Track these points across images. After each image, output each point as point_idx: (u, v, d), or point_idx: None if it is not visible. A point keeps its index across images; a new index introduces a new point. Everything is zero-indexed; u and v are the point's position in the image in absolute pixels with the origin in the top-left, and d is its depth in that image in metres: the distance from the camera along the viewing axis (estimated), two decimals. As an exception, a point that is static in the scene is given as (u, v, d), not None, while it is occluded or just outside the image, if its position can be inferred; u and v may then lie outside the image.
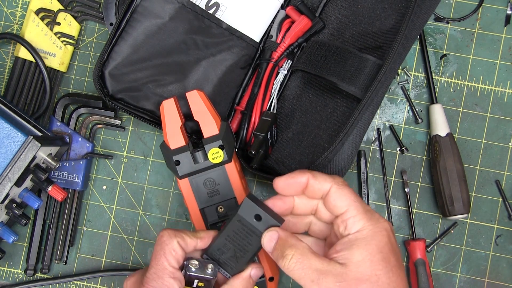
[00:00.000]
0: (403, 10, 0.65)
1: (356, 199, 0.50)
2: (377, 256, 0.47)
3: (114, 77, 0.67)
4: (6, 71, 0.77)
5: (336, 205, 0.50)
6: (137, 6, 0.67)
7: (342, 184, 0.51)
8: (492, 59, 0.73)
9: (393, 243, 0.49)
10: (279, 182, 0.53)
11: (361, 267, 0.47)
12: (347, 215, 0.49)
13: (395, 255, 0.48)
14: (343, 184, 0.51)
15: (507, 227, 0.72)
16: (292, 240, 0.50)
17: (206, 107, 0.63)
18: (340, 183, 0.51)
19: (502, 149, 0.73)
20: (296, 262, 0.48)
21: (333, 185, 0.51)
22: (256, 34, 0.70)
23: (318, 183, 0.51)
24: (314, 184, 0.51)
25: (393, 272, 0.47)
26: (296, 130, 0.69)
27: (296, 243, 0.49)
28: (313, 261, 0.48)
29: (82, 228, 0.75)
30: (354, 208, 0.49)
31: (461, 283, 0.72)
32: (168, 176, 0.75)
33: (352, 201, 0.50)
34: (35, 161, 0.65)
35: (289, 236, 0.50)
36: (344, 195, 0.50)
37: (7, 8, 0.77)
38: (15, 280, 0.75)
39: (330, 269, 0.47)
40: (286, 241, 0.50)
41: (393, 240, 0.49)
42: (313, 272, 0.47)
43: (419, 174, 0.73)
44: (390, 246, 0.48)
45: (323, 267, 0.47)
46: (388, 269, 0.47)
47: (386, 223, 0.49)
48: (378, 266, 0.47)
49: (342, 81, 0.63)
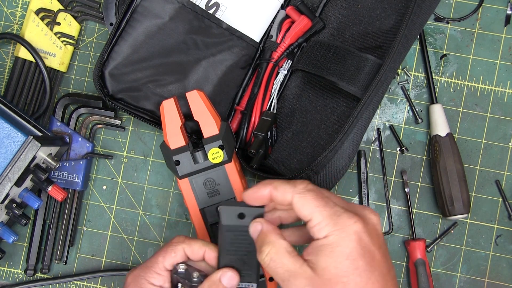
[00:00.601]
0: (403, 10, 0.65)
1: (320, 203, 0.48)
2: (343, 263, 0.46)
3: (114, 77, 0.67)
4: (6, 71, 0.77)
5: (300, 214, 0.49)
6: (137, 6, 0.67)
7: (303, 191, 0.49)
8: (492, 59, 0.73)
9: (366, 245, 0.47)
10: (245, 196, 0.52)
11: (326, 274, 0.46)
12: (312, 222, 0.48)
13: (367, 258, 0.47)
14: (304, 191, 0.49)
15: (507, 227, 0.72)
16: (272, 236, 0.50)
17: (206, 107, 0.63)
18: (301, 191, 0.49)
19: (502, 149, 0.73)
20: (270, 260, 0.48)
21: (294, 195, 0.49)
22: (256, 34, 0.70)
23: (280, 195, 0.50)
24: (276, 196, 0.51)
25: (362, 277, 0.46)
26: (296, 130, 0.69)
27: (274, 241, 0.49)
28: (286, 261, 0.48)
29: (82, 228, 0.75)
30: (319, 215, 0.48)
31: (461, 283, 0.72)
32: (168, 176, 0.75)
33: (315, 208, 0.48)
34: (35, 161, 0.65)
35: (271, 231, 0.50)
36: (306, 203, 0.48)
37: (7, 8, 0.77)
38: (15, 280, 0.75)
39: (301, 272, 0.47)
40: (266, 236, 0.50)
41: (366, 242, 0.47)
42: (285, 272, 0.47)
43: (419, 174, 0.73)
44: (360, 249, 0.46)
45: (294, 268, 0.47)
46: (356, 274, 0.46)
47: (356, 224, 0.47)
48: (344, 273, 0.46)
49: (342, 81, 0.63)
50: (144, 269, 0.54)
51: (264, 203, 0.52)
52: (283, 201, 0.50)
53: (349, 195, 0.73)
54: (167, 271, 0.54)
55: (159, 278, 0.54)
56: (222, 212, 0.52)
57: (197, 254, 0.55)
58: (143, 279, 0.53)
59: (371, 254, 0.47)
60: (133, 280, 0.54)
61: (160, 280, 0.54)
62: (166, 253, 0.54)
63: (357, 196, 0.73)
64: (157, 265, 0.54)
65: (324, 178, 0.62)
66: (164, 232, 0.74)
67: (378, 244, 0.48)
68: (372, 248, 0.47)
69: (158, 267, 0.54)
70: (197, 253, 0.54)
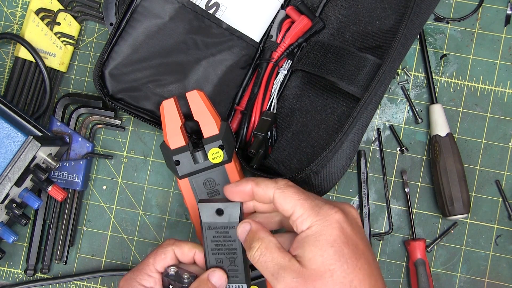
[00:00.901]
0: (403, 10, 0.65)
1: (301, 197, 0.50)
2: (328, 251, 0.47)
3: (114, 77, 0.67)
4: (6, 71, 0.77)
5: (282, 208, 0.50)
6: (137, 6, 0.67)
7: (284, 186, 0.51)
8: (492, 59, 0.73)
9: (349, 234, 0.48)
10: (226, 190, 0.54)
11: (313, 264, 0.47)
12: (295, 215, 0.49)
13: (351, 246, 0.48)
14: (285, 186, 0.51)
15: (507, 227, 0.72)
16: (261, 233, 0.51)
17: (206, 107, 0.63)
18: (282, 186, 0.51)
19: (502, 149, 0.73)
20: (260, 254, 0.49)
21: (275, 190, 0.51)
22: (256, 34, 0.70)
23: (261, 190, 0.52)
24: (257, 191, 0.52)
25: (349, 264, 0.47)
26: (296, 130, 0.69)
27: (264, 237, 0.50)
28: (276, 255, 0.49)
29: (82, 228, 0.75)
30: (300, 207, 0.49)
31: (461, 283, 0.72)
32: (168, 176, 0.75)
33: (297, 201, 0.50)
34: (35, 161, 0.65)
35: (260, 229, 0.51)
36: (287, 197, 0.50)
37: (7, 8, 0.77)
38: (15, 280, 0.75)
39: (289, 265, 0.48)
40: (256, 234, 0.51)
41: (348, 231, 0.48)
42: (274, 266, 0.48)
43: (419, 174, 0.73)
44: (343, 237, 0.48)
45: (284, 262, 0.48)
46: (342, 261, 0.47)
47: (337, 214, 0.49)
48: (330, 261, 0.47)
49: (342, 81, 0.63)
50: (135, 272, 0.55)
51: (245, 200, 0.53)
52: (264, 196, 0.52)
53: (349, 195, 0.73)
54: (158, 273, 0.55)
55: (150, 280, 0.54)
56: (200, 208, 0.53)
57: (187, 256, 0.56)
58: (134, 281, 0.54)
59: (354, 243, 0.48)
60: (125, 283, 0.55)
61: (151, 282, 0.54)
62: (156, 256, 0.55)
63: (357, 196, 0.73)
64: (148, 267, 0.55)
65: (324, 178, 0.62)
66: (164, 232, 0.74)
67: (360, 234, 0.50)
68: (354, 237, 0.49)
69: (149, 269, 0.55)
70: (187, 255, 0.55)
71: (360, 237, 0.49)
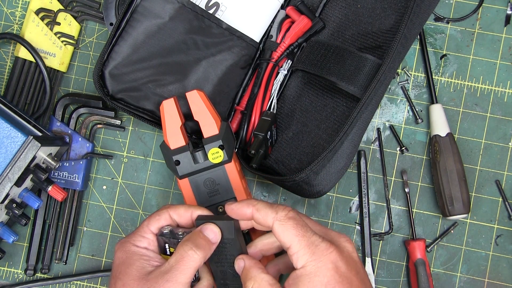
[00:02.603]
0: (403, 10, 0.65)
1: (298, 232, 0.50)
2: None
3: (114, 77, 0.67)
4: (6, 71, 0.77)
5: (280, 240, 0.51)
6: (137, 6, 0.67)
7: (283, 218, 0.51)
8: (492, 59, 0.73)
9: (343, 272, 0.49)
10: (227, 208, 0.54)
11: None
12: (292, 250, 0.50)
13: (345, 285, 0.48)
14: (285, 219, 0.51)
15: (507, 227, 0.72)
16: (254, 271, 0.51)
17: (206, 107, 0.63)
18: (282, 218, 0.51)
19: (502, 149, 0.73)
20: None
21: (275, 221, 0.51)
22: (256, 34, 0.70)
23: (261, 218, 0.52)
24: (258, 218, 0.52)
25: None
26: (295, 130, 0.69)
27: (256, 275, 0.51)
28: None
29: (82, 228, 0.75)
30: (297, 243, 0.49)
31: (461, 283, 0.72)
32: (168, 176, 0.75)
33: (294, 236, 0.50)
34: (35, 161, 0.65)
35: (253, 266, 0.52)
36: (286, 230, 0.50)
37: (7, 8, 0.77)
38: (15, 280, 0.75)
39: None
40: (248, 272, 0.51)
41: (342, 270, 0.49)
42: None
43: (419, 174, 0.73)
44: (337, 277, 0.48)
45: None
46: None
47: (332, 254, 0.49)
48: None
49: (342, 81, 0.63)
50: (130, 235, 0.56)
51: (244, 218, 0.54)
52: (263, 223, 0.52)
53: (349, 195, 0.73)
54: (152, 234, 0.55)
55: (143, 240, 0.54)
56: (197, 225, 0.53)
57: (184, 217, 0.55)
58: (128, 243, 0.54)
59: (349, 281, 0.49)
60: (120, 246, 0.55)
61: (144, 242, 0.54)
62: (151, 218, 0.55)
63: (357, 196, 0.73)
64: (142, 229, 0.55)
65: (324, 178, 0.62)
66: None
67: (355, 270, 0.50)
68: (349, 275, 0.49)
69: (142, 230, 0.55)
70: (184, 216, 0.55)
71: (355, 273, 0.50)
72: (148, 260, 0.53)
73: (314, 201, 0.73)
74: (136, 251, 0.54)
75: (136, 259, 0.53)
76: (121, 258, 0.54)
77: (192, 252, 0.51)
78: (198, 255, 0.51)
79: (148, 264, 0.53)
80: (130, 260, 0.53)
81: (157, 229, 0.55)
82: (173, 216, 0.55)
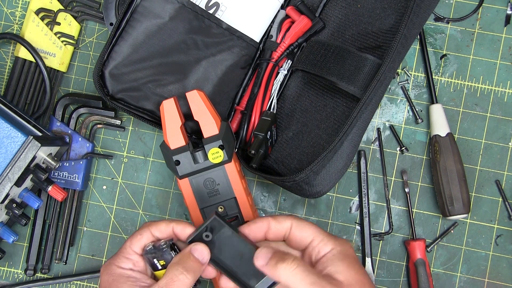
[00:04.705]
0: (403, 10, 0.65)
1: (318, 228, 0.54)
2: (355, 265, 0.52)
3: (114, 77, 0.67)
4: (6, 71, 0.77)
5: (301, 236, 0.54)
6: (137, 6, 0.67)
7: (300, 219, 0.55)
8: (492, 59, 0.73)
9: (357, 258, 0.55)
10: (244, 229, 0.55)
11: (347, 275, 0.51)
12: (315, 241, 0.54)
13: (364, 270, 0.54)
14: (301, 219, 0.55)
15: (507, 227, 0.72)
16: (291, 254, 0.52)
17: (206, 107, 0.63)
18: (298, 218, 0.55)
19: (502, 149, 0.73)
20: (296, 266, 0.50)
21: (293, 221, 0.55)
22: (256, 34, 0.70)
23: (278, 224, 0.55)
24: (275, 225, 0.55)
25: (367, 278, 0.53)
26: (296, 130, 0.69)
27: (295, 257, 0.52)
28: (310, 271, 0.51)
29: (82, 228, 0.75)
30: (320, 234, 0.54)
31: (461, 283, 0.72)
32: (168, 176, 0.75)
33: (315, 229, 0.54)
34: (35, 161, 0.65)
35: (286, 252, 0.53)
36: (305, 227, 0.54)
37: (7, 8, 0.77)
38: (15, 280, 0.75)
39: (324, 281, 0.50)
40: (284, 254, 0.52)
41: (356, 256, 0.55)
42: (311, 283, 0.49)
43: (419, 174, 0.73)
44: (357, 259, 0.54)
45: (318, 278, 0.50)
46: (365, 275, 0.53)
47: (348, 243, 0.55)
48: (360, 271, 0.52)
49: (342, 81, 0.63)
50: (113, 257, 0.56)
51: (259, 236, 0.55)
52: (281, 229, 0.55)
53: (349, 195, 0.73)
54: (136, 255, 0.55)
55: (128, 262, 0.55)
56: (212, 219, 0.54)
57: (166, 233, 0.56)
58: (112, 265, 0.55)
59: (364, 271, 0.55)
60: (104, 269, 0.55)
61: (129, 263, 0.55)
62: (132, 238, 0.56)
63: (357, 196, 0.73)
64: (125, 250, 0.55)
65: (324, 178, 0.62)
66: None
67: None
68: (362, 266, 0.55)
69: (126, 252, 0.55)
70: (166, 231, 0.56)
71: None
72: (135, 282, 0.53)
73: (314, 201, 0.73)
74: (122, 273, 0.54)
75: (123, 281, 0.53)
76: (107, 281, 0.54)
77: (183, 276, 0.51)
78: (188, 279, 0.51)
79: (135, 285, 0.53)
80: (117, 283, 0.53)
81: (140, 248, 0.55)
82: (155, 233, 0.56)
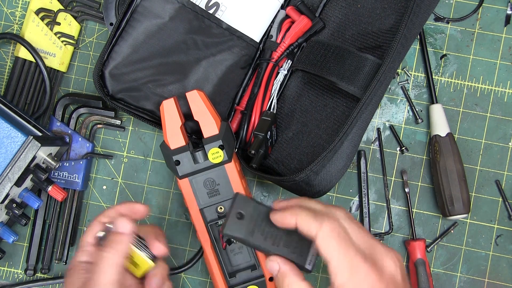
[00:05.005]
0: (403, 10, 0.65)
1: (341, 251, 0.49)
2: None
3: (114, 77, 0.67)
4: (6, 71, 0.77)
5: (322, 252, 0.50)
6: (137, 6, 0.67)
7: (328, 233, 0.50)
8: (492, 59, 0.73)
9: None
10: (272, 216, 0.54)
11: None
12: (331, 267, 0.49)
13: None
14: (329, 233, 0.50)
15: (507, 227, 0.72)
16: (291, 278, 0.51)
17: (206, 107, 0.63)
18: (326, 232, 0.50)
19: (502, 149, 0.73)
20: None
21: (318, 234, 0.50)
22: (256, 34, 0.70)
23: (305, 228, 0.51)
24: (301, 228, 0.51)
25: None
26: (295, 130, 0.69)
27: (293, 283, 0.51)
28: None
29: (82, 228, 0.75)
30: (337, 261, 0.49)
31: (461, 283, 0.72)
32: (168, 176, 0.75)
33: (336, 253, 0.49)
34: (35, 161, 0.65)
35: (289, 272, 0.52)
36: (329, 246, 0.49)
37: (7, 8, 0.77)
38: (15, 280, 0.75)
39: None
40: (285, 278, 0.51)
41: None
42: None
43: (419, 174, 0.73)
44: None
45: None
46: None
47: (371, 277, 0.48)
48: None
49: (342, 81, 0.63)
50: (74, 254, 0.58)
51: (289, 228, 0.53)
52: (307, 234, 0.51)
53: (349, 195, 0.73)
54: (90, 245, 0.57)
55: (85, 254, 0.56)
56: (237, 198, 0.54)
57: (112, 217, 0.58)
58: (73, 260, 0.57)
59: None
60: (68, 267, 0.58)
61: (87, 255, 0.56)
62: (85, 232, 0.58)
63: (357, 196, 0.73)
64: (80, 243, 0.58)
65: (324, 178, 0.62)
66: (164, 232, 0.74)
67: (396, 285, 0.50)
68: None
69: (82, 245, 0.57)
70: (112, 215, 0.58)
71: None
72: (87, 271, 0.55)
73: (314, 201, 0.73)
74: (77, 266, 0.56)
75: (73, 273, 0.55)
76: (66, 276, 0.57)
77: (104, 253, 0.53)
78: (108, 253, 0.53)
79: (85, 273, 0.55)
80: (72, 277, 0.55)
81: (93, 237, 0.57)
82: (103, 220, 0.58)
